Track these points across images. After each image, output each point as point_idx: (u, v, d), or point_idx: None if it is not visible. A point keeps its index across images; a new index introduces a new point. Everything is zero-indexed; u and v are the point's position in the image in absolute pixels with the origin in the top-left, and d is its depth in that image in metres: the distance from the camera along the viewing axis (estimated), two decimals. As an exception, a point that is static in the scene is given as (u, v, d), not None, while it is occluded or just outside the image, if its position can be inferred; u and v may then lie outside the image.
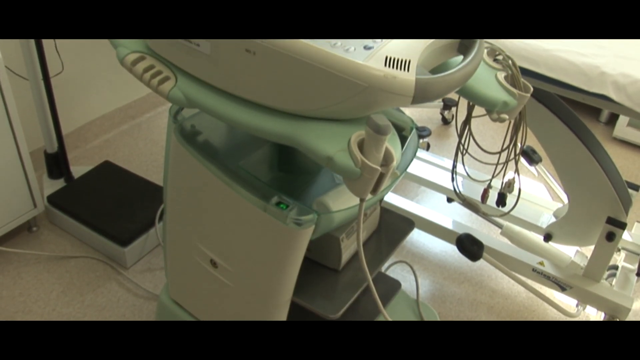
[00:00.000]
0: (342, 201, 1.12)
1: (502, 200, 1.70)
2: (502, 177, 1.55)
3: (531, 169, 2.01)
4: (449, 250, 2.12)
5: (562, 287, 1.74)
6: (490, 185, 1.67)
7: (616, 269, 1.81)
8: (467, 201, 1.80)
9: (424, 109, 3.02)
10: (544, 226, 1.87)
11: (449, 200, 2.12)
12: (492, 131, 2.79)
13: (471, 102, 1.26)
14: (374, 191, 0.92)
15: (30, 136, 2.00)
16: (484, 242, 1.71)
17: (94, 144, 2.54)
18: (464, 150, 1.58)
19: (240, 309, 1.32)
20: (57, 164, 2.13)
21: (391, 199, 2.00)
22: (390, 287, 1.58)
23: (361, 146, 0.90)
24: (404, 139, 1.25)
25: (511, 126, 1.42)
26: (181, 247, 1.39)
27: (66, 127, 2.29)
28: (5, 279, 1.86)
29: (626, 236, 1.91)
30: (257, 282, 1.25)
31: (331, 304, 1.26)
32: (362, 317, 1.47)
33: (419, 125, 2.72)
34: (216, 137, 1.29)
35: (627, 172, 2.69)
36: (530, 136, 1.49)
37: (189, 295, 1.48)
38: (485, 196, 1.73)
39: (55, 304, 1.79)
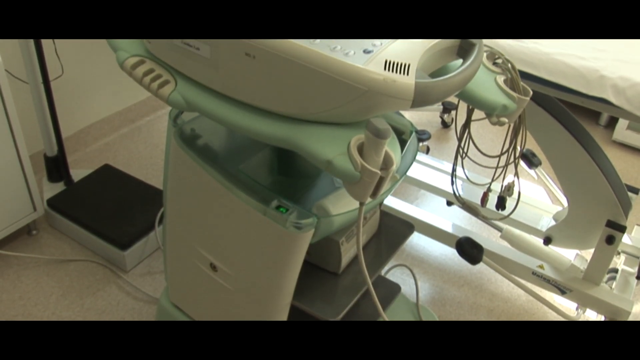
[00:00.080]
0: (342, 205, 1.12)
1: (501, 203, 1.70)
2: (501, 180, 1.55)
3: (531, 172, 2.01)
4: (449, 253, 2.11)
5: (562, 291, 1.74)
6: (489, 188, 1.67)
7: (616, 272, 1.81)
8: (466, 204, 1.80)
9: (423, 112, 3.02)
10: (544, 229, 1.87)
11: (449, 203, 2.12)
12: (492, 134, 2.79)
13: (471, 105, 1.27)
14: (374, 195, 0.92)
15: (30, 139, 2.00)
16: (484, 245, 1.71)
17: (94, 147, 2.54)
18: (464, 153, 1.58)
19: (240, 313, 1.32)
20: (56, 167, 2.13)
21: (391, 202, 2.00)
22: (390, 291, 1.58)
23: (361, 150, 0.90)
24: (403, 143, 1.25)
25: (511, 129, 1.42)
26: (181, 251, 1.39)
27: (66, 131, 2.29)
28: (4, 282, 1.86)
29: (626, 239, 1.91)
30: (257, 286, 1.25)
31: (331, 308, 1.25)
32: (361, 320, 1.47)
33: (419, 128, 2.72)
34: (216, 140, 1.29)
35: (627, 175, 2.69)
36: (529, 139, 1.49)
37: (188, 298, 1.48)
38: (484, 199, 1.72)
39: (54, 307, 1.79)
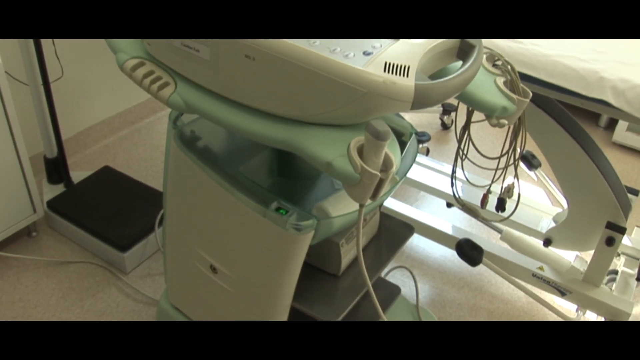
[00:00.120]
0: (342, 206, 1.12)
1: (501, 205, 1.70)
2: (501, 182, 1.55)
3: (530, 174, 2.01)
4: (449, 255, 2.11)
5: (562, 292, 1.74)
6: (489, 190, 1.67)
7: (616, 273, 1.81)
8: (466, 206, 1.80)
9: (423, 114, 3.02)
10: (544, 231, 1.86)
11: (449, 205, 2.12)
12: (492, 136, 2.79)
13: (470, 107, 1.27)
14: (374, 197, 0.92)
15: (29, 141, 2.00)
16: (484, 247, 1.71)
17: (94, 149, 2.54)
18: (464, 155, 1.59)
19: (239, 314, 1.32)
20: (56, 169, 2.13)
21: (391, 204, 2.00)
22: (390, 292, 1.58)
23: (360, 152, 0.90)
24: (403, 144, 1.25)
25: (510, 131, 1.42)
26: (181, 253, 1.39)
27: (66, 132, 2.29)
28: (4, 284, 1.86)
29: (626, 241, 1.91)
30: (257, 288, 1.25)
31: (331, 310, 1.25)
32: (361, 322, 1.47)
33: (419, 130, 2.72)
34: (216, 142, 1.29)
35: (627, 176, 2.69)
36: (529, 141, 1.49)
37: (188, 300, 1.48)
38: (484, 201, 1.72)
39: (54, 309, 1.79)
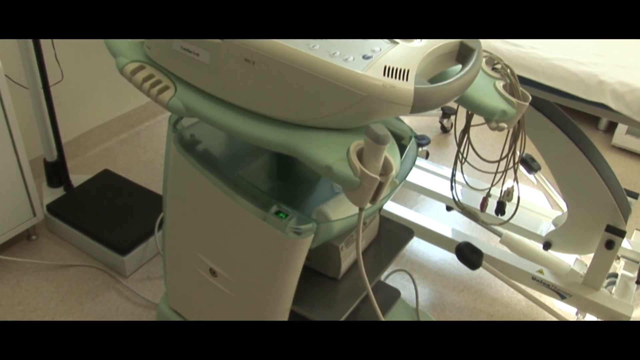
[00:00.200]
0: (342, 210, 1.12)
1: (501, 208, 1.70)
2: (501, 185, 1.55)
3: (530, 177, 2.01)
4: (449, 258, 2.11)
5: (561, 295, 1.74)
6: (489, 193, 1.67)
7: (616, 276, 1.81)
8: (466, 210, 1.80)
9: (423, 118, 3.02)
10: (543, 234, 1.86)
11: (448, 208, 2.12)
12: (491, 139, 2.79)
13: (470, 110, 1.27)
14: (373, 200, 0.93)
15: (29, 145, 2.00)
16: (484, 250, 1.71)
17: (94, 152, 2.54)
18: (463, 158, 1.59)
19: (239, 318, 1.32)
20: (56, 172, 2.13)
21: (390, 207, 2.00)
22: (389, 296, 1.58)
23: (360, 155, 0.90)
24: (403, 148, 1.25)
25: (510, 135, 1.42)
26: (180, 256, 1.39)
27: (66, 136, 2.29)
28: (4, 287, 1.86)
29: (625, 244, 1.91)
30: (257, 291, 1.25)
31: (330, 313, 1.25)
32: (361, 325, 1.46)
33: (418, 133, 2.72)
34: (215, 146, 1.29)
35: (626, 179, 2.69)
36: (529, 144, 1.49)
37: (188, 304, 1.48)
38: (484, 204, 1.73)
39: (54, 312, 1.79)
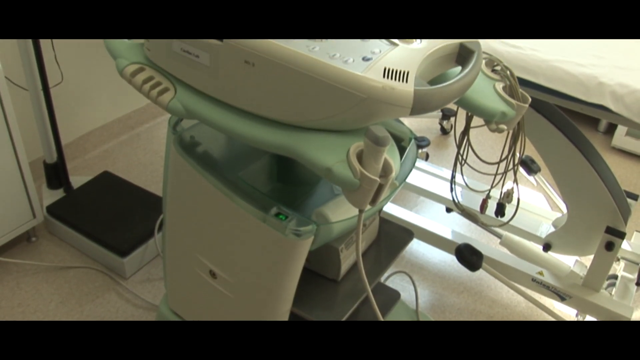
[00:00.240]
0: (341, 212, 1.12)
1: (501, 210, 1.70)
2: (501, 187, 1.55)
3: (530, 178, 2.01)
4: (448, 260, 2.11)
5: (561, 297, 1.74)
6: (489, 195, 1.67)
7: (616, 278, 1.81)
8: (466, 211, 1.80)
9: (422, 119, 3.02)
10: (543, 236, 1.87)
11: (448, 210, 2.12)
12: (491, 141, 2.79)
13: (470, 112, 1.27)
14: (373, 202, 0.93)
15: (29, 146, 2.00)
16: (483, 252, 1.71)
17: (93, 154, 2.54)
18: (463, 160, 1.59)
19: (239, 319, 1.32)
20: (56, 174, 2.13)
21: (390, 209, 2.00)
22: (389, 298, 1.58)
23: (360, 157, 0.90)
24: (402, 150, 1.25)
25: (510, 136, 1.42)
26: (180, 258, 1.39)
27: (65, 138, 2.29)
28: (4, 289, 1.86)
29: (625, 246, 1.91)
30: (256, 293, 1.25)
31: (330, 315, 1.25)
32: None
33: (418, 135, 2.72)
34: (215, 148, 1.29)
35: (626, 181, 2.69)
36: (528, 146, 1.49)
37: (188, 305, 1.48)
38: (484, 206, 1.73)
39: (54, 314, 1.79)
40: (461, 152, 1.57)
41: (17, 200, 1.88)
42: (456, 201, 1.73)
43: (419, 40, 0.99)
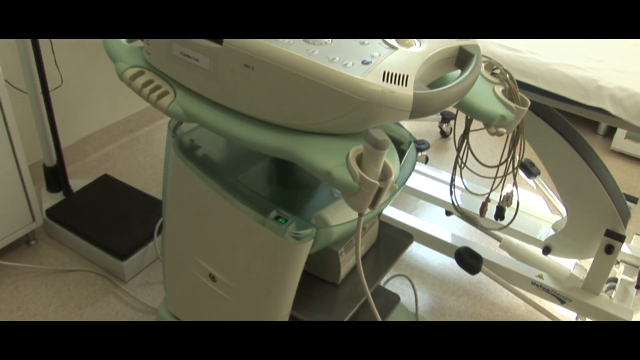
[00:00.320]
0: (341, 215, 1.12)
1: (500, 213, 1.70)
2: (500, 190, 1.55)
3: (529, 181, 2.01)
4: (448, 263, 2.11)
5: (561, 300, 1.74)
6: (488, 198, 1.67)
7: (615, 281, 1.81)
8: (465, 214, 1.80)
9: (422, 122, 3.02)
10: (543, 239, 1.86)
11: (448, 213, 2.12)
12: (491, 144, 2.79)
13: (469, 115, 1.27)
14: (373, 205, 0.92)
15: (29, 149, 2.00)
16: (483, 255, 1.71)
17: (93, 157, 2.54)
18: (462, 163, 1.59)
19: (238, 323, 1.32)
20: (56, 177, 2.13)
21: (390, 212, 2.00)
22: (389, 301, 1.58)
23: (359, 161, 0.90)
24: (402, 153, 1.25)
25: (509, 139, 1.42)
26: (180, 261, 1.39)
27: (65, 141, 2.29)
28: (3, 292, 1.86)
29: (625, 249, 1.91)
30: (256, 296, 1.25)
31: (330, 318, 1.25)
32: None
33: (418, 138, 2.72)
34: (215, 151, 1.29)
35: (625, 184, 2.69)
36: (528, 149, 1.49)
37: (187, 309, 1.48)
38: (483, 209, 1.72)
39: (53, 317, 1.79)
40: (461, 155, 1.57)
41: (17, 203, 1.88)
42: (456, 204, 1.73)
43: (418, 43, 0.99)
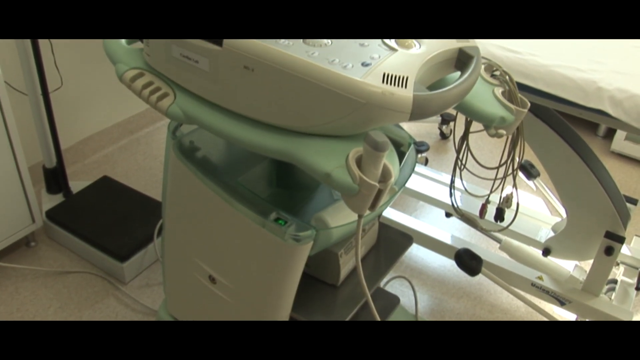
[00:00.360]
0: (341, 217, 1.12)
1: (500, 215, 1.70)
2: (500, 191, 1.55)
3: (529, 183, 2.01)
4: (448, 265, 2.11)
5: (561, 302, 1.74)
6: (488, 200, 1.67)
7: (615, 283, 1.81)
8: (465, 216, 1.80)
9: (422, 124, 3.02)
10: (543, 240, 1.86)
11: (448, 215, 2.12)
12: (490, 146, 2.79)
13: (469, 117, 1.27)
14: (372, 207, 0.92)
15: (29, 151, 2.00)
16: (483, 256, 1.71)
17: (93, 159, 2.54)
18: (462, 165, 1.59)
19: (238, 325, 1.32)
20: (55, 179, 2.13)
21: (390, 214, 2.00)
22: (389, 303, 1.58)
23: (359, 163, 0.90)
24: (402, 155, 1.25)
25: (509, 141, 1.42)
26: (180, 263, 1.39)
27: (65, 142, 2.29)
28: (2, 294, 1.86)
29: (625, 250, 1.91)
30: (256, 298, 1.25)
31: (330, 320, 1.25)
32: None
33: (417, 139, 2.72)
34: (215, 153, 1.29)
35: (625, 185, 2.69)
36: (528, 151, 1.49)
37: (187, 310, 1.48)
38: (483, 211, 1.72)
39: (52, 319, 1.78)
40: (460, 156, 1.57)
41: (16, 205, 1.88)
42: (455, 206, 1.73)
43: (417, 45, 0.99)
